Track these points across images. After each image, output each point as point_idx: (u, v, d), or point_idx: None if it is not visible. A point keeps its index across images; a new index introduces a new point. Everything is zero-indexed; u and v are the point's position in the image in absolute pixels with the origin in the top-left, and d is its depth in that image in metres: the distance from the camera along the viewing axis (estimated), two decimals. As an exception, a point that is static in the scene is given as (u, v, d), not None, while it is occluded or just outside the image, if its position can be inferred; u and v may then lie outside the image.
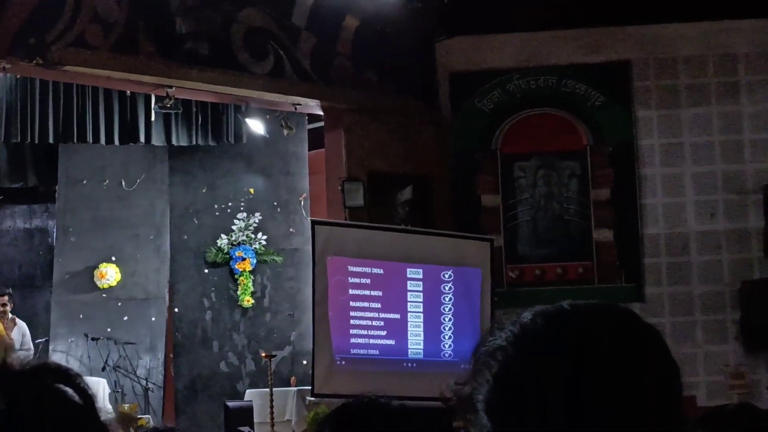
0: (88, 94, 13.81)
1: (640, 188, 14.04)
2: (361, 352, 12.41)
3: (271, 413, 12.49)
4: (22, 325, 13.54)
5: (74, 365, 14.71)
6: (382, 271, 12.56)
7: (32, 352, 13.51)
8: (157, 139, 14.45)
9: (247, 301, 15.18)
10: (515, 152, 14.19)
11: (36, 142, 13.88)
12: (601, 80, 14.15)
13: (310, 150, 15.45)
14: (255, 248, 15.25)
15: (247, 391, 14.39)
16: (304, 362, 14.56)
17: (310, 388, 12.44)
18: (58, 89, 13.60)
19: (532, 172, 14.17)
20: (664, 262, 13.92)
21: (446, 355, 12.70)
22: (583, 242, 14.01)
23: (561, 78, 14.20)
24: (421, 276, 12.71)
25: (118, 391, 14.56)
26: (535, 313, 1.59)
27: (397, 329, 12.56)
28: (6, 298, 13.30)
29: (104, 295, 15.14)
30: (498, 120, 14.23)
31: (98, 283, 15.10)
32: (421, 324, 12.63)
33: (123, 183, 15.42)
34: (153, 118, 14.04)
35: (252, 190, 15.51)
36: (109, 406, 13.93)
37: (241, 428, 12.44)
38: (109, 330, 14.92)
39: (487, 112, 14.24)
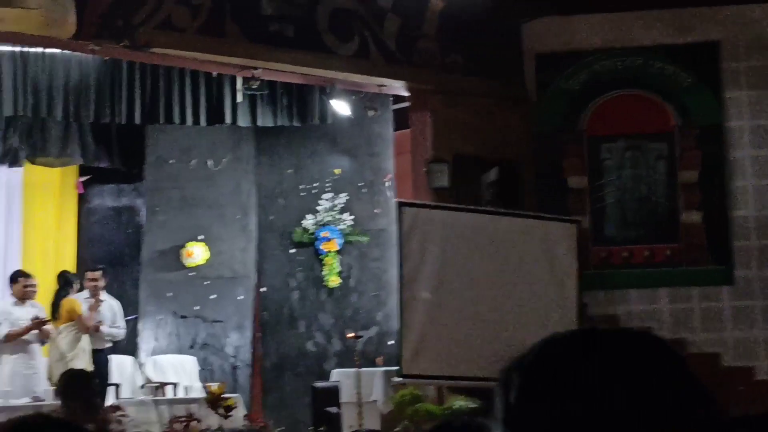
0: (175, 76, 13.92)
1: (729, 170, 13.87)
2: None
3: (358, 394, 12.54)
4: (113, 302, 13.56)
5: (163, 343, 14.93)
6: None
7: (124, 330, 13.60)
8: (243, 120, 14.52)
9: (334, 281, 15.24)
10: (602, 134, 14.07)
11: (123, 123, 14.01)
12: (689, 61, 13.97)
13: (394, 131, 15.45)
14: (341, 229, 15.29)
15: (334, 371, 14.45)
16: (390, 343, 14.60)
17: (396, 368, 12.49)
18: (145, 71, 13.72)
19: (619, 153, 14.05)
20: (755, 245, 13.73)
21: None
22: (671, 224, 13.87)
23: (648, 59, 14.05)
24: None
25: (206, 369, 14.71)
26: (550, 339, 1.55)
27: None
28: (98, 273, 13.30)
29: (191, 274, 15.28)
30: (584, 101, 14.11)
31: (185, 261, 15.25)
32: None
33: (209, 163, 15.54)
34: (239, 100, 14.11)
35: (337, 171, 15.55)
36: (198, 384, 14.11)
37: (329, 408, 12.51)
38: (196, 308, 15.06)
39: (573, 93, 14.13)
